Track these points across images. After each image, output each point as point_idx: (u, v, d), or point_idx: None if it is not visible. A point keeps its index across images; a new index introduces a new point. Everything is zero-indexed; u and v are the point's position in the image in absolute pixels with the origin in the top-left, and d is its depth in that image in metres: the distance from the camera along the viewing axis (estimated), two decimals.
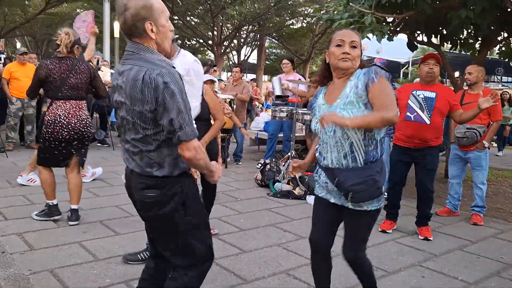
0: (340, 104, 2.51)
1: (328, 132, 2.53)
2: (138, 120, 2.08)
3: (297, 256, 4.00)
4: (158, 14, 2.11)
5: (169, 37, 2.20)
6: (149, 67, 2.03)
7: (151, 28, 2.09)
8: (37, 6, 24.04)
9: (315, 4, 17.94)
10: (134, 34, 2.11)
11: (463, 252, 4.35)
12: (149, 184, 2.15)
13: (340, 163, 2.52)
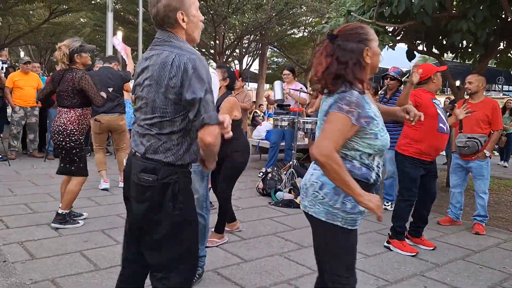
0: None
1: None
2: (159, 102, 2.10)
3: (299, 265, 3.99)
4: (189, 4, 2.18)
5: (199, 26, 2.27)
6: (179, 52, 2.08)
7: (182, 18, 2.16)
8: (41, 15, 24.18)
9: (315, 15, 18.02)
10: (166, 24, 2.17)
11: (465, 262, 4.34)
12: (148, 167, 2.13)
13: None
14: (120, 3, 20.66)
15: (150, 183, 2.11)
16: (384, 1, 6.26)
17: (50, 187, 6.37)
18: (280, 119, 7.07)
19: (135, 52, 25.97)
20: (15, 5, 19.74)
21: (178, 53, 2.07)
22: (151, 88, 2.12)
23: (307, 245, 4.55)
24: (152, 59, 2.15)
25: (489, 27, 6.32)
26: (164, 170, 2.12)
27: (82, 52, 4.66)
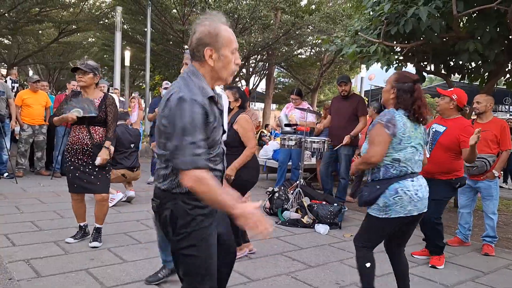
0: None
1: None
2: (157, 133, 2.17)
3: (306, 285, 3.95)
4: (223, 44, 2.18)
5: (230, 69, 2.24)
6: (182, 89, 2.10)
7: (210, 54, 2.17)
8: (50, 35, 24.49)
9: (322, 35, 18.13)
10: (195, 57, 2.22)
11: (474, 283, 4.28)
12: (155, 192, 2.27)
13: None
14: (128, 23, 20.88)
15: (154, 208, 2.27)
16: (391, 21, 6.29)
17: (57, 205, 6.37)
18: (288, 138, 7.07)
19: (142, 72, 26.21)
20: (25, 25, 20.02)
21: (180, 89, 2.10)
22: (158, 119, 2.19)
23: (314, 264, 4.51)
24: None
25: (497, 48, 6.34)
26: (163, 196, 2.20)
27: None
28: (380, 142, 3.10)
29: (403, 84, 3.17)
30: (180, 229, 2.16)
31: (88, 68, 4.56)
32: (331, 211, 6.03)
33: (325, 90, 33.13)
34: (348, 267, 4.52)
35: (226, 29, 2.20)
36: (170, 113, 2.05)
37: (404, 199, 3.07)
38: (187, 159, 2.00)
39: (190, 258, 2.19)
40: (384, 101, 3.31)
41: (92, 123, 4.61)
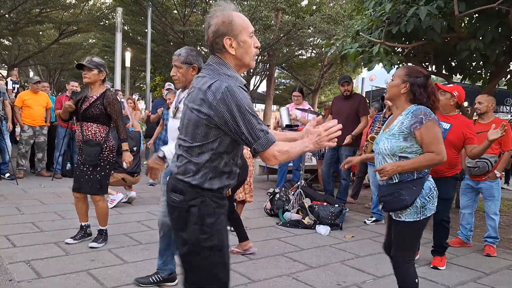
0: (387, 133, 3.05)
1: (377, 154, 3.12)
2: (192, 125, 2.13)
3: (307, 286, 3.94)
4: (239, 30, 2.18)
5: (251, 52, 2.24)
6: (219, 78, 2.10)
7: (230, 43, 2.17)
8: (50, 36, 24.49)
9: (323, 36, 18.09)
10: (215, 49, 2.21)
11: (476, 284, 4.26)
12: (177, 187, 2.19)
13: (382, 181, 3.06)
14: (128, 24, 20.87)
15: (177, 203, 2.19)
16: (393, 21, 6.28)
17: (57, 206, 6.36)
18: None
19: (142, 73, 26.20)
20: (25, 26, 20.02)
21: (218, 79, 2.10)
22: (189, 111, 2.16)
23: (315, 265, 4.50)
24: (194, 82, 2.22)
25: (499, 47, 6.32)
26: (190, 191, 2.16)
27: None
28: (440, 138, 2.97)
29: (416, 78, 3.02)
30: (208, 227, 2.15)
31: (93, 64, 4.56)
32: (332, 212, 6.02)
33: (326, 91, 33.09)
34: (349, 268, 4.51)
35: (238, 15, 2.20)
36: (220, 102, 2.04)
37: (434, 196, 3.00)
38: (262, 140, 2.06)
39: (213, 257, 2.18)
40: (391, 96, 3.13)
41: (85, 119, 4.59)
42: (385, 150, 3.01)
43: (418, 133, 2.91)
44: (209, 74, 2.15)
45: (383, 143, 3.03)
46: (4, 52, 25.08)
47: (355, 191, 8.14)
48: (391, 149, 2.98)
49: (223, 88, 2.04)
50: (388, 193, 3.01)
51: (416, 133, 2.91)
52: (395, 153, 2.97)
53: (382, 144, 3.04)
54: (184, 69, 3.50)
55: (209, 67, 2.20)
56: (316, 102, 24.79)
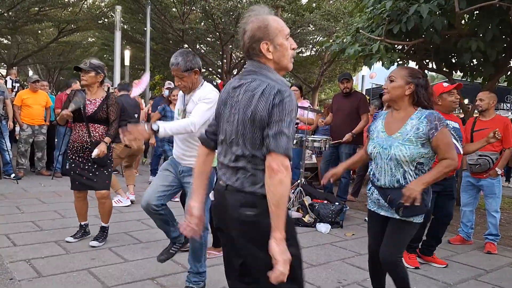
0: (399, 138, 2.94)
1: (385, 159, 2.98)
2: (250, 133, 2.08)
3: (308, 284, 3.93)
4: (275, 33, 2.15)
5: (288, 55, 2.21)
6: (270, 82, 2.08)
7: (267, 48, 2.15)
8: (49, 35, 24.48)
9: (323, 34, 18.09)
10: (253, 55, 2.19)
11: (477, 281, 4.26)
12: (246, 201, 2.09)
13: (392, 184, 2.95)
14: (127, 22, 20.86)
15: (249, 218, 2.09)
16: (393, 19, 6.27)
17: (57, 205, 6.36)
18: None
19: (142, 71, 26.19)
20: (24, 25, 20.01)
21: (269, 83, 2.08)
22: (241, 120, 2.11)
23: (316, 263, 4.49)
24: (242, 88, 2.16)
25: (499, 45, 6.31)
26: (263, 203, 2.03)
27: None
28: (452, 144, 2.96)
29: (419, 79, 2.97)
30: (288, 235, 2.00)
31: (90, 67, 4.55)
32: (333, 210, 6.01)
33: (326, 89, 33.09)
34: (350, 266, 4.50)
35: (274, 19, 2.17)
36: (274, 106, 2.01)
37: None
38: (283, 145, 1.99)
39: (296, 261, 2.14)
40: (393, 98, 3.03)
41: (92, 121, 4.59)
42: (403, 157, 2.90)
43: (435, 139, 2.85)
44: (260, 79, 2.11)
45: (399, 149, 2.90)
46: (3, 51, 25.08)
47: (355, 189, 8.13)
48: (411, 156, 2.88)
49: (276, 92, 2.03)
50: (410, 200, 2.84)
51: (433, 139, 2.85)
52: (415, 159, 2.90)
53: (399, 150, 2.91)
54: (187, 76, 3.46)
55: (255, 72, 2.16)
56: (316, 100, 24.77)
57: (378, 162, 3.03)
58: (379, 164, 3.02)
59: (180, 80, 3.47)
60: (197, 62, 3.49)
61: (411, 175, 2.90)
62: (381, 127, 3.10)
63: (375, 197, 3.08)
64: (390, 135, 3.00)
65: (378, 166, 3.03)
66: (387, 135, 3.02)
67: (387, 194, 2.95)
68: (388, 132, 3.03)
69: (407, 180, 2.90)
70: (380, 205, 3.06)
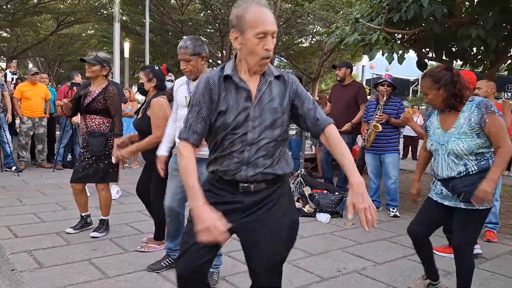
0: (454, 133, 3.07)
1: (443, 155, 3.12)
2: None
3: (308, 273, 3.95)
4: (246, 27, 2.02)
5: (256, 53, 2.05)
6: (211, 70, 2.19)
7: (235, 37, 2.08)
8: (48, 27, 24.41)
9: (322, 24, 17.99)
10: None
11: (477, 269, 4.24)
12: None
13: (452, 176, 3.08)
14: (126, 14, 20.79)
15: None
16: (393, 7, 6.24)
17: (58, 197, 6.38)
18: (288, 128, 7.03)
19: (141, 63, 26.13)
20: (23, 17, 19.95)
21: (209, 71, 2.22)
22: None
23: (316, 253, 4.51)
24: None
25: (499, 34, 6.28)
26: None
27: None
28: (506, 130, 3.05)
29: (445, 79, 3.07)
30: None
31: (96, 60, 4.56)
32: (332, 200, 6.03)
33: (326, 79, 33.00)
34: (349, 255, 4.52)
35: (254, 12, 2.01)
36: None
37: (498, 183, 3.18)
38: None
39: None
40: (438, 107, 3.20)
41: (88, 112, 4.59)
42: (462, 151, 3.03)
43: (487, 126, 2.97)
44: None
45: (456, 144, 3.04)
46: (3, 44, 25.02)
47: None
48: (468, 148, 3.01)
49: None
50: (470, 183, 3.02)
51: (486, 126, 2.97)
52: (473, 151, 3.02)
53: (456, 144, 3.04)
54: (194, 61, 3.44)
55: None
56: (317, 90, 24.73)
57: (436, 157, 3.20)
58: (437, 159, 3.19)
59: (187, 63, 3.46)
60: (205, 49, 3.51)
61: (472, 164, 3.04)
62: (436, 123, 3.25)
63: (439, 189, 3.26)
64: (445, 131, 3.14)
65: (436, 161, 3.20)
66: (443, 132, 3.16)
67: (449, 183, 3.10)
68: (443, 128, 3.17)
69: (469, 169, 3.04)
70: (444, 196, 3.22)
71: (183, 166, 2.07)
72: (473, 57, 7.59)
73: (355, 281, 3.85)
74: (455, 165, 3.08)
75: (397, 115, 6.15)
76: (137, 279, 3.67)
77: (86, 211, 4.90)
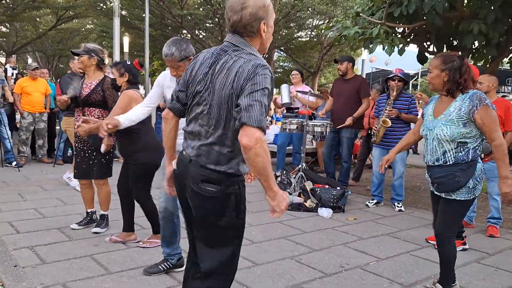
0: (442, 119, 3.18)
1: (430, 140, 3.26)
2: (224, 110, 2.10)
3: (310, 269, 3.95)
4: (270, 15, 2.20)
5: (271, 38, 2.29)
6: (249, 58, 2.09)
7: (263, 28, 2.17)
8: (47, 22, 24.34)
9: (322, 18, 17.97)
10: (245, 32, 2.16)
11: (480, 264, 4.27)
12: (210, 177, 2.15)
13: (433, 162, 3.25)
14: (126, 8, 20.70)
15: (211, 194, 2.16)
16: (394, 1, 6.21)
17: (59, 192, 6.37)
18: (289, 122, 7.02)
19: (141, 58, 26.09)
20: (22, 12, 19.88)
21: (248, 59, 2.09)
22: (213, 95, 2.13)
23: (318, 248, 4.50)
24: (218, 64, 2.15)
25: (501, 28, 6.25)
26: (226, 180, 2.17)
27: None
28: (498, 124, 3.15)
29: (453, 63, 3.15)
30: (242, 214, 2.26)
31: (84, 50, 4.55)
32: (334, 195, 6.01)
33: (325, 73, 32.95)
34: (352, 250, 4.51)
35: (269, 0, 2.20)
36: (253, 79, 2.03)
37: (482, 177, 3.21)
38: (255, 117, 1.97)
39: (240, 240, 2.35)
40: (436, 88, 3.26)
41: (87, 105, 4.56)
42: (444, 136, 3.14)
43: (478, 117, 3.06)
44: (239, 55, 2.12)
45: (441, 129, 3.15)
46: (2, 39, 24.95)
47: (356, 174, 8.13)
48: (451, 135, 3.11)
49: (256, 65, 2.05)
50: (443, 175, 3.18)
51: (476, 116, 3.06)
52: (455, 139, 3.12)
53: (440, 130, 3.16)
54: (183, 66, 3.32)
55: (235, 48, 2.16)
56: (316, 84, 24.69)
57: (426, 142, 3.31)
58: (426, 144, 3.32)
59: (176, 70, 3.37)
60: (191, 50, 3.38)
61: (451, 153, 3.15)
62: (430, 110, 3.35)
63: (427, 176, 3.41)
64: (436, 117, 3.26)
65: (425, 146, 3.33)
66: (434, 118, 3.28)
67: (429, 172, 3.31)
68: (435, 115, 3.29)
69: (446, 159, 3.17)
70: (431, 184, 3.38)
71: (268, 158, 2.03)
72: (474, 51, 7.56)
73: (358, 276, 3.84)
74: (436, 151, 3.21)
75: (408, 110, 6.13)
76: (140, 275, 3.66)
77: (92, 207, 4.87)
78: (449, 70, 3.15)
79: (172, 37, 3.60)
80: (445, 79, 3.17)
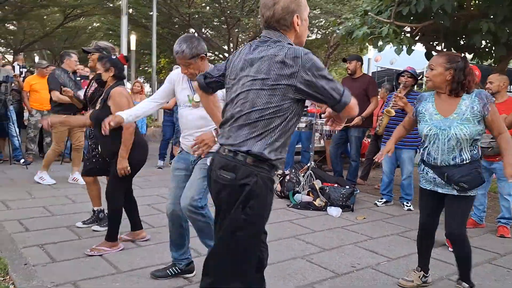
0: (457, 118, 3.18)
1: (443, 140, 3.20)
2: (264, 96, 2.11)
3: (322, 269, 3.92)
4: (303, 8, 2.24)
5: (307, 31, 2.33)
6: (291, 46, 2.13)
7: (297, 21, 2.21)
8: (55, 20, 24.38)
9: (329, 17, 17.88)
10: (280, 26, 2.20)
11: (492, 265, 4.23)
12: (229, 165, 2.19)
13: (448, 162, 3.21)
14: (133, 7, 20.72)
15: (226, 181, 2.19)
16: (402, 0, 6.17)
17: (68, 190, 6.38)
18: None
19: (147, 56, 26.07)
20: (30, 10, 19.92)
21: (290, 46, 2.11)
22: (254, 82, 2.14)
23: (328, 247, 4.48)
24: (258, 52, 2.18)
25: (510, 27, 6.20)
26: (244, 169, 2.15)
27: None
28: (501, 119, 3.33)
29: (457, 63, 3.18)
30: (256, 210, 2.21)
31: (95, 48, 4.56)
32: (343, 194, 5.99)
33: (332, 72, 32.88)
34: (363, 250, 4.49)
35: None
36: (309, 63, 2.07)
37: None
38: (346, 93, 2.13)
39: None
40: (437, 85, 3.27)
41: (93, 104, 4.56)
42: (464, 135, 3.15)
43: (490, 115, 3.15)
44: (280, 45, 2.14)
45: (459, 129, 3.15)
46: (10, 37, 25.02)
47: (365, 172, 8.10)
48: (470, 134, 3.15)
49: (304, 52, 2.08)
50: (466, 173, 3.17)
51: (489, 115, 3.15)
52: (473, 137, 3.17)
53: (459, 130, 3.16)
54: (194, 64, 3.22)
55: (272, 40, 2.18)
56: None
57: (436, 142, 3.25)
58: (437, 144, 3.24)
59: (187, 68, 3.24)
60: (203, 47, 3.25)
61: (467, 151, 3.19)
62: (433, 109, 3.32)
63: (430, 176, 3.34)
64: (446, 116, 3.23)
65: (435, 146, 3.25)
66: (443, 117, 3.24)
67: (444, 172, 3.22)
68: (443, 114, 3.25)
69: (463, 157, 3.19)
70: (436, 184, 3.32)
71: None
72: (481, 50, 7.50)
73: (370, 277, 3.82)
74: (452, 150, 3.20)
75: None
76: (150, 274, 3.65)
77: (99, 205, 4.84)
78: (454, 70, 3.18)
79: (180, 35, 3.51)
80: (448, 77, 3.20)
